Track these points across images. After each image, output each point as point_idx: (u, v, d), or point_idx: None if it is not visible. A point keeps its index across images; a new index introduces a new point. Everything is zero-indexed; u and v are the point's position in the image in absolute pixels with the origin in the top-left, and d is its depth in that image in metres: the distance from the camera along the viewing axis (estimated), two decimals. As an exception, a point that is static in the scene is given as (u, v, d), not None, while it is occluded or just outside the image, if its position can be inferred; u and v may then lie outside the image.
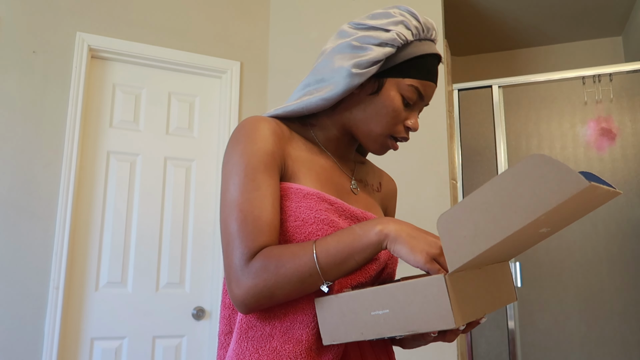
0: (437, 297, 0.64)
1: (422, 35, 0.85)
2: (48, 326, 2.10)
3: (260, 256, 0.73)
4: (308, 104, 0.87)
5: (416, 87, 0.84)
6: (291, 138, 0.87)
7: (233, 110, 2.62)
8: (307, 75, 0.91)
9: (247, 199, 0.76)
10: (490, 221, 0.60)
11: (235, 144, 0.81)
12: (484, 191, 0.61)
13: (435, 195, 2.39)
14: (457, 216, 0.63)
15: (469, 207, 0.62)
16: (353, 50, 0.83)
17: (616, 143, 3.19)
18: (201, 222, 2.51)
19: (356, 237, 0.72)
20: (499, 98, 2.57)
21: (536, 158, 0.57)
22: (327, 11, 2.74)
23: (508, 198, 0.59)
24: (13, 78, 2.22)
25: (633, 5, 3.11)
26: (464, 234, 0.62)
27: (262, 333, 0.76)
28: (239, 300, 0.73)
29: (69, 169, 2.23)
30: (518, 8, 3.16)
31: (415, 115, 0.87)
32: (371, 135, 0.87)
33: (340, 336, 0.72)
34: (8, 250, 2.10)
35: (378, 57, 0.82)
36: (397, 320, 0.67)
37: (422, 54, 0.85)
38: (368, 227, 0.73)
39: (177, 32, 2.58)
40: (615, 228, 3.11)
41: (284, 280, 0.72)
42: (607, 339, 3.04)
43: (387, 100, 0.85)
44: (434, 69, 0.86)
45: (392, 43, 0.82)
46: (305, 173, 0.85)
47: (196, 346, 2.40)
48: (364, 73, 0.82)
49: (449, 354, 2.22)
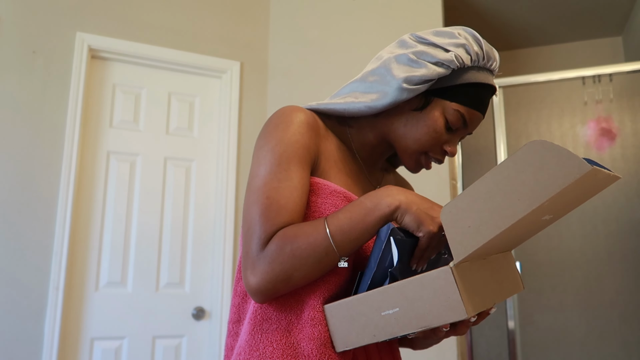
0: (445, 289, 0.63)
1: (481, 63, 0.83)
2: (48, 326, 2.11)
3: (275, 239, 0.73)
4: (352, 107, 0.86)
5: (462, 114, 0.83)
6: (326, 135, 0.87)
7: (233, 110, 2.62)
8: (356, 77, 0.89)
9: (276, 187, 0.76)
10: (494, 210, 0.60)
11: (272, 131, 0.81)
12: (486, 180, 0.61)
13: (435, 195, 2.39)
14: (461, 207, 0.63)
15: (472, 197, 0.62)
16: (408, 63, 0.82)
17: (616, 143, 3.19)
18: (201, 222, 2.51)
19: (368, 212, 0.72)
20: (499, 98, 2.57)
21: (537, 144, 0.57)
22: (327, 11, 2.74)
23: (510, 186, 0.59)
24: (13, 78, 2.22)
25: (633, 5, 3.11)
26: (468, 224, 0.62)
27: (277, 326, 0.76)
28: (254, 287, 0.72)
29: (69, 169, 2.23)
30: (518, 8, 3.16)
31: (456, 141, 0.86)
32: (407, 151, 0.87)
33: (353, 341, 0.71)
34: (8, 250, 2.10)
35: (431, 76, 0.80)
36: (408, 317, 0.66)
37: (477, 82, 0.83)
38: (377, 199, 0.73)
39: (177, 32, 2.58)
40: (615, 228, 3.11)
41: (300, 262, 0.71)
42: (607, 339, 3.04)
43: (429, 119, 0.84)
44: (485, 100, 0.85)
45: (448, 64, 0.81)
46: (336, 172, 0.85)
47: (196, 346, 2.40)
48: (414, 89, 0.81)
49: (449, 354, 2.22)
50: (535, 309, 3.19)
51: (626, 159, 3.16)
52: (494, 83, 0.86)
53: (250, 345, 0.76)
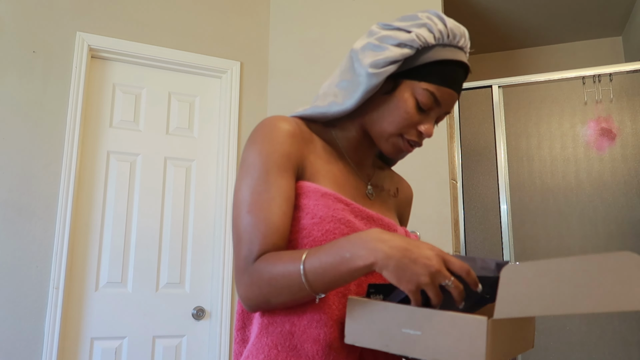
0: (474, 336, 0.64)
1: (446, 41, 0.82)
2: (48, 326, 2.10)
3: (258, 263, 0.73)
4: (333, 109, 0.86)
5: (432, 92, 0.82)
6: (311, 140, 0.87)
7: (233, 110, 2.62)
8: (332, 75, 0.90)
9: (256, 201, 0.76)
10: (556, 293, 0.60)
11: (252, 144, 0.81)
12: (564, 262, 0.60)
13: (435, 195, 2.39)
14: (525, 272, 0.62)
15: (543, 270, 0.61)
16: (373, 49, 0.83)
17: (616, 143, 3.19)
18: (201, 222, 2.51)
19: (343, 261, 0.68)
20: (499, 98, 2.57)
21: (630, 257, 0.56)
22: (327, 11, 2.74)
23: (584, 280, 0.58)
24: (13, 78, 2.22)
25: (633, 5, 3.11)
26: (524, 292, 0.62)
27: (281, 329, 0.76)
28: (243, 301, 0.76)
29: (69, 169, 2.23)
30: (518, 8, 3.16)
31: (430, 121, 0.85)
32: (383, 136, 0.86)
33: (364, 341, 0.71)
34: (8, 250, 2.10)
35: (395, 57, 0.80)
36: (427, 345, 0.66)
37: (443, 60, 0.82)
38: (356, 250, 0.68)
39: (177, 32, 2.58)
40: (615, 228, 3.11)
41: (276, 291, 0.72)
42: (607, 339, 3.04)
43: (399, 101, 0.83)
44: (456, 77, 0.83)
45: (411, 44, 0.81)
46: (324, 175, 0.85)
47: (196, 346, 2.40)
48: (380, 73, 0.81)
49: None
50: (535, 309, 3.19)
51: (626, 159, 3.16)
52: (464, 59, 0.85)
53: (257, 348, 0.77)
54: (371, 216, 0.84)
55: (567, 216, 3.27)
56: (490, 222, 2.60)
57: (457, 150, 2.63)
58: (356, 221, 0.81)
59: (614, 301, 0.56)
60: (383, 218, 0.86)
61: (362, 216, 0.83)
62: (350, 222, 0.80)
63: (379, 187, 0.96)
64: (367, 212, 0.84)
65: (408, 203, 1.05)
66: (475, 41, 3.58)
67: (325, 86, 0.90)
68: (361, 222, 0.82)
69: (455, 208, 2.45)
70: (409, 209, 1.05)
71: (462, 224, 2.49)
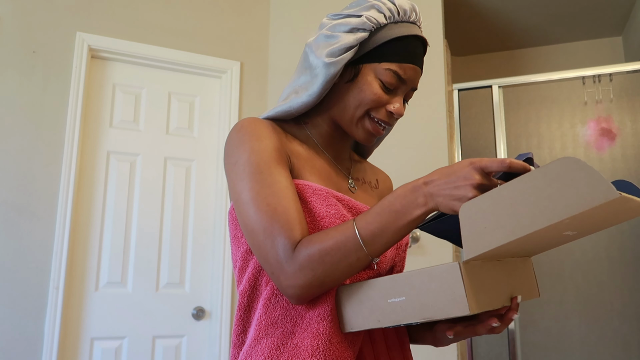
0: (452, 283, 0.64)
1: (397, 18, 0.82)
2: (48, 326, 2.10)
3: (302, 247, 0.72)
4: (296, 103, 0.85)
5: (394, 71, 0.82)
6: (288, 139, 0.87)
7: (233, 110, 2.62)
8: (293, 75, 0.90)
9: (270, 193, 0.75)
10: (513, 217, 0.60)
11: (239, 144, 0.80)
12: (511, 186, 0.61)
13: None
14: (481, 206, 0.63)
15: (494, 199, 0.62)
16: (325, 40, 0.83)
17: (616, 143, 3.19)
18: (201, 222, 2.51)
19: (398, 215, 0.70)
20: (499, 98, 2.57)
21: (570, 161, 0.56)
22: (327, 11, 2.74)
23: (535, 196, 0.59)
24: (13, 78, 2.22)
25: (633, 5, 3.11)
26: (485, 225, 0.62)
27: (283, 330, 0.76)
28: (290, 292, 0.72)
29: (69, 169, 2.23)
30: (518, 8, 3.16)
31: (399, 100, 0.84)
32: (352, 121, 0.85)
33: (358, 323, 0.73)
34: (8, 250, 2.10)
35: (349, 43, 0.80)
36: (413, 307, 0.67)
37: (398, 36, 0.82)
38: (405, 201, 0.70)
39: (177, 32, 2.58)
40: (615, 228, 3.11)
41: (331, 267, 0.71)
42: (607, 339, 3.04)
43: (364, 85, 0.83)
44: (414, 51, 0.83)
45: (363, 27, 0.81)
46: (309, 171, 0.84)
47: (196, 346, 2.40)
48: (337, 61, 0.81)
49: (449, 354, 2.22)
50: (535, 310, 3.19)
51: (626, 159, 3.16)
52: (419, 33, 0.85)
53: (256, 350, 0.76)
54: (362, 210, 0.84)
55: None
56: (490, 222, 2.60)
57: (457, 150, 2.62)
58: (349, 215, 0.81)
59: (567, 207, 0.57)
60: None
61: (354, 211, 0.83)
62: (345, 217, 0.80)
63: (360, 179, 0.96)
64: (358, 205, 0.84)
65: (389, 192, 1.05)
66: (475, 41, 3.58)
67: (287, 86, 0.90)
68: (354, 216, 0.82)
69: (455, 208, 2.44)
70: None
71: (462, 224, 2.48)
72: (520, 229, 0.59)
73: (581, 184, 0.56)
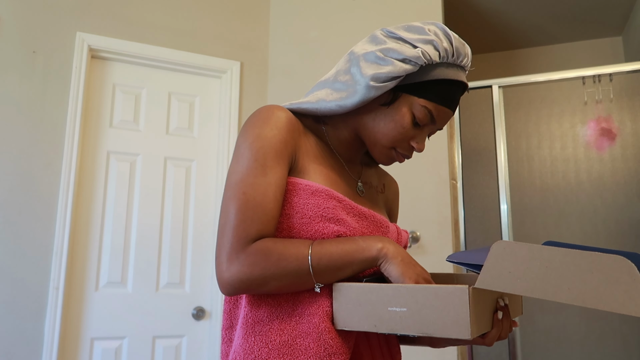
0: (457, 306, 0.66)
1: (450, 60, 0.83)
2: (48, 326, 2.10)
3: (262, 244, 0.73)
4: (323, 106, 0.86)
5: (429, 110, 0.83)
6: (305, 133, 0.87)
7: (233, 110, 2.62)
8: (328, 75, 0.89)
9: (252, 184, 0.76)
10: (541, 278, 0.61)
11: (250, 128, 0.81)
12: (556, 252, 0.62)
13: (435, 195, 2.39)
14: (515, 252, 0.64)
15: (533, 254, 0.63)
16: (376, 60, 0.82)
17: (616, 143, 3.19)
18: (201, 222, 2.51)
19: (358, 249, 0.75)
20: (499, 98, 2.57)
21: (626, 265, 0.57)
22: (327, 11, 2.74)
23: (573, 274, 0.60)
24: (13, 78, 2.22)
25: (633, 5, 3.11)
26: (510, 270, 0.64)
27: (270, 327, 0.76)
28: (227, 282, 0.73)
29: (69, 169, 2.23)
30: (518, 8, 3.16)
31: (424, 136, 0.86)
32: (376, 146, 0.87)
33: (353, 324, 0.74)
34: (8, 250, 2.10)
35: (397, 73, 0.80)
36: (413, 320, 0.69)
37: (445, 79, 0.82)
38: (371, 241, 0.76)
39: (177, 32, 2.58)
40: (615, 228, 3.11)
41: (282, 273, 0.73)
42: (607, 339, 3.04)
43: (397, 115, 0.84)
44: (454, 96, 0.84)
45: (416, 61, 0.80)
46: (315, 169, 0.85)
47: (196, 346, 2.40)
48: (381, 87, 0.81)
49: (449, 354, 2.22)
50: (535, 309, 3.19)
51: (626, 159, 3.16)
52: (465, 79, 0.85)
53: (245, 349, 0.76)
54: (363, 213, 0.84)
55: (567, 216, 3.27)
56: (490, 222, 2.60)
57: (457, 150, 2.63)
58: (347, 218, 0.81)
59: (594, 298, 0.58)
60: (375, 214, 0.87)
61: (354, 213, 0.83)
62: (342, 220, 0.80)
63: (368, 183, 0.97)
64: (360, 208, 0.84)
65: (395, 198, 1.05)
66: (475, 41, 3.58)
67: (320, 82, 0.90)
68: (353, 219, 0.82)
69: (455, 208, 2.45)
70: (397, 202, 1.06)
71: (462, 224, 2.49)
72: (540, 292, 0.61)
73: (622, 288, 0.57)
